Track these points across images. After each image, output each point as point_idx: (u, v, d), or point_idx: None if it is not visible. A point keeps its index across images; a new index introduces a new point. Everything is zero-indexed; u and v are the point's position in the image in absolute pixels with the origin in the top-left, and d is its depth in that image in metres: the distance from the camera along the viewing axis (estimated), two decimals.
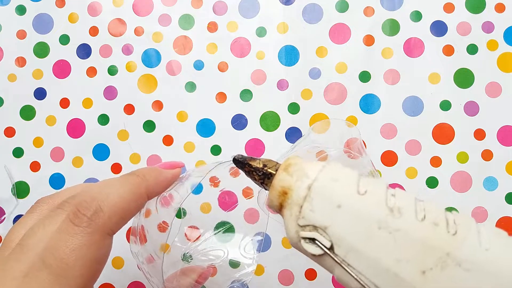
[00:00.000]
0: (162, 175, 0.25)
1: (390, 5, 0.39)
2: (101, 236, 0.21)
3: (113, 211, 0.21)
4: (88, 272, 0.20)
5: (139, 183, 0.23)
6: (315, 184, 0.20)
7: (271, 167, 0.23)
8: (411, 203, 0.20)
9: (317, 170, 0.21)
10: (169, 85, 0.40)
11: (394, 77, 0.38)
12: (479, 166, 0.37)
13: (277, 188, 0.21)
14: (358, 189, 0.20)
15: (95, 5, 0.41)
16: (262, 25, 0.39)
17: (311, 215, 0.20)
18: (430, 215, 0.19)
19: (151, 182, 0.24)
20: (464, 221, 0.19)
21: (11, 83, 0.41)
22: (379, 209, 0.19)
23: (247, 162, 0.24)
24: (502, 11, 0.38)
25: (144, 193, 0.23)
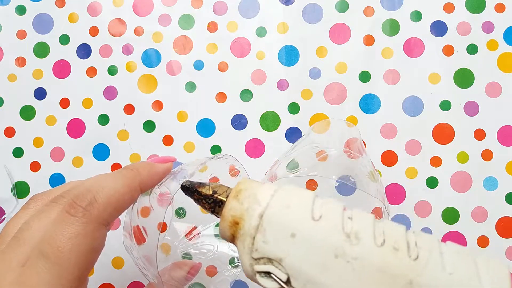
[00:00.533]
0: (154, 169, 0.26)
1: (390, 5, 0.39)
2: (96, 226, 0.21)
3: (107, 203, 0.22)
4: (83, 261, 0.21)
5: (132, 177, 0.24)
6: (267, 212, 0.19)
7: (222, 194, 0.21)
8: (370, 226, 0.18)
9: (269, 196, 0.19)
10: (169, 85, 0.40)
11: (394, 77, 0.38)
12: (479, 166, 0.37)
13: (228, 218, 0.20)
14: (313, 214, 0.19)
15: (95, 5, 0.41)
16: (262, 25, 0.39)
17: (264, 247, 0.18)
18: (390, 239, 0.18)
19: (144, 176, 0.25)
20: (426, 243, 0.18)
21: (11, 83, 0.41)
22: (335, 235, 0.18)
23: (196, 189, 0.22)
24: (502, 11, 0.38)
25: (138, 186, 0.24)
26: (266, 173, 0.35)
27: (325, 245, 0.18)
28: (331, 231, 0.18)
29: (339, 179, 0.32)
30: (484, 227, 0.37)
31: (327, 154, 0.32)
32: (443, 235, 0.37)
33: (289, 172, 0.31)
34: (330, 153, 0.32)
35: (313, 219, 0.18)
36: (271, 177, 0.32)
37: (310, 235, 0.18)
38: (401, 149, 0.38)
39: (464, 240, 0.37)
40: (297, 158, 0.32)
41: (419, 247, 0.18)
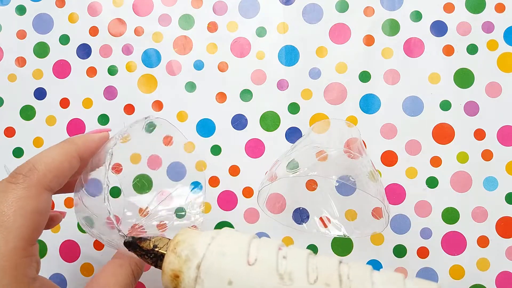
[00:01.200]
0: (89, 138, 0.28)
1: (390, 5, 0.39)
2: (38, 190, 0.23)
3: (47, 169, 0.24)
4: (28, 223, 0.22)
5: (68, 147, 0.26)
6: (203, 263, 0.19)
7: (162, 247, 0.22)
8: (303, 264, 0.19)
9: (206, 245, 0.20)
10: (169, 85, 0.40)
11: (394, 77, 0.38)
12: (479, 166, 0.37)
13: (168, 272, 0.20)
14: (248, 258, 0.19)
15: (95, 5, 0.41)
16: (262, 25, 0.39)
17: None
18: (322, 275, 0.18)
19: (80, 145, 0.27)
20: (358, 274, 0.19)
21: (11, 83, 0.41)
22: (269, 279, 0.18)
23: (138, 245, 0.23)
24: (502, 11, 0.38)
25: (75, 154, 0.26)
26: (266, 173, 0.35)
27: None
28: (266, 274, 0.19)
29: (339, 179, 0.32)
30: (484, 227, 0.37)
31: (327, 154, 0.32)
32: (443, 235, 0.37)
33: (289, 172, 0.31)
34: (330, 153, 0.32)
35: (248, 264, 0.19)
36: (271, 177, 0.32)
37: (246, 281, 0.19)
38: (401, 149, 0.38)
39: (464, 240, 0.37)
40: (297, 158, 0.32)
41: (351, 279, 0.18)
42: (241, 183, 0.39)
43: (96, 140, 0.28)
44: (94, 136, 0.29)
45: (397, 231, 0.37)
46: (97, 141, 0.28)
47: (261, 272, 0.19)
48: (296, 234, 0.38)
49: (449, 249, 0.37)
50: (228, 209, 0.38)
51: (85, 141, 0.28)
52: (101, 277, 0.26)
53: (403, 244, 0.37)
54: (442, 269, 0.37)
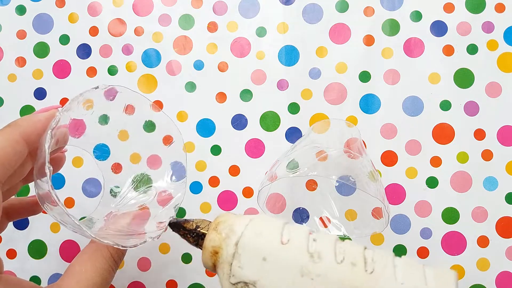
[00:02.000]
0: (35, 118, 0.25)
1: (390, 5, 0.39)
2: None
3: None
4: None
5: (11, 131, 0.24)
6: (241, 240, 0.21)
7: (204, 228, 0.24)
8: (331, 246, 0.21)
9: (244, 225, 0.22)
10: (169, 85, 0.40)
11: (394, 77, 0.38)
12: (479, 166, 0.37)
13: (209, 248, 0.22)
14: (281, 239, 0.21)
15: (95, 5, 0.41)
16: (262, 25, 0.39)
17: (240, 271, 0.20)
18: (349, 256, 0.20)
19: (24, 127, 0.24)
20: (381, 258, 0.20)
21: (11, 83, 0.41)
22: (300, 256, 0.20)
23: (182, 225, 0.25)
24: (502, 11, 0.38)
25: (19, 138, 0.24)
26: (266, 173, 0.35)
27: (292, 265, 0.20)
28: (297, 252, 0.20)
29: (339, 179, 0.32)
30: (484, 227, 0.37)
31: (327, 154, 0.32)
32: (443, 235, 0.37)
33: (289, 172, 0.31)
34: (330, 153, 0.32)
35: (281, 243, 0.21)
36: (271, 177, 0.32)
37: (279, 258, 0.20)
38: (401, 149, 0.38)
39: (464, 240, 0.37)
40: (297, 158, 0.32)
41: (375, 261, 0.20)
42: (241, 183, 0.39)
43: (43, 119, 0.25)
44: (40, 115, 0.25)
45: (397, 231, 0.37)
46: (44, 121, 0.25)
47: (293, 250, 0.20)
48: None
49: (449, 249, 0.37)
50: (228, 209, 0.38)
51: (30, 121, 0.25)
52: (77, 263, 0.25)
53: (403, 244, 0.37)
54: None
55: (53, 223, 0.39)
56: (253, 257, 0.20)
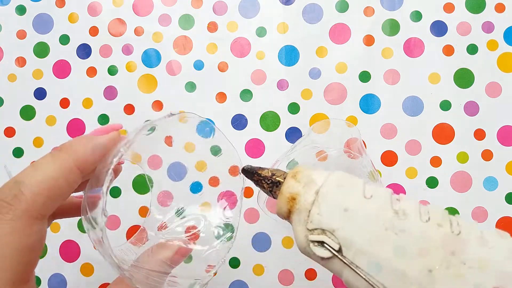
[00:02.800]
0: (93, 142, 0.22)
1: (390, 5, 0.39)
2: (27, 221, 0.19)
3: (37, 192, 0.19)
4: (18, 261, 0.18)
5: (65, 158, 0.21)
6: (322, 190, 0.21)
7: (279, 176, 0.24)
8: (416, 206, 0.21)
9: (324, 177, 0.22)
10: (169, 85, 0.40)
11: (394, 77, 0.38)
12: (479, 166, 0.37)
13: (286, 194, 0.22)
14: (364, 193, 0.21)
15: (95, 5, 0.41)
16: (262, 25, 0.39)
17: (319, 218, 0.20)
18: (434, 217, 0.20)
19: (80, 153, 0.21)
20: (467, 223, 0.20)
21: (11, 83, 0.41)
22: (385, 211, 0.20)
23: (256, 172, 0.25)
24: (502, 11, 0.38)
25: (74, 167, 0.21)
26: None
27: (376, 218, 0.20)
28: (382, 207, 0.20)
29: None
30: (484, 227, 0.37)
31: (327, 154, 0.32)
32: None
33: None
34: (330, 153, 0.32)
35: (364, 197, 0.20)
36: None
37: (362, 210, 0.20)
38: (401, 149, 0.38)
39: None
40: (297, 158, 0.32)
41: (460, 225, 0.20)
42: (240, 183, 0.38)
43: (103, 144, 0.22)
44: (99, 139, 0.22)
45: None
46: (104, 145, 0.22)
47: (377, 205, 0.20)
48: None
49: None
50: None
51: (86, 147, 0.21)
52: None
53: None
54: None
55: (53, 223, 0.39)
56: (334, 207, 0.20)
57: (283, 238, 0.38)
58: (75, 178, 0.21)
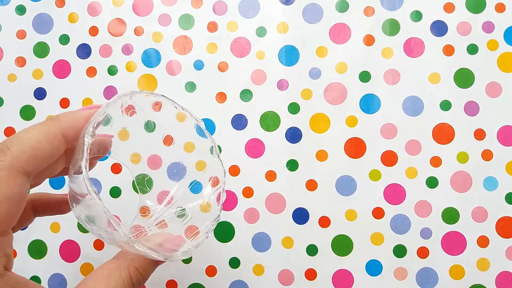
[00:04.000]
0: (76, 115, 0.24)
1: (390, 5, 0.39)
2: (9, 174, 0.20)
3: (22, 150, 0.21)
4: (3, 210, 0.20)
5: (51, 124, 0.23)
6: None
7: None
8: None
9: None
10: (169, 85, 0.40)
11: (394, 77, 0.38)
12: (479, 166, 0.37)
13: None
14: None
15: (95, 5, 0.41)
16: (262, 25, 0.39)
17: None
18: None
19: (65, 122, 0.23)
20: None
21: (11, 83, 0.41)
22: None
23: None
24: (502, 11, 0.38)
25: (58, 133, 0.23)
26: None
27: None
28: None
29: None
30: (484, 227, 0.37)
31: None
32: (443, 235, 0.37)
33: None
34: None
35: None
36: None
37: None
38: (401, 149, 0.38)
39: (464, 240, 0.37)
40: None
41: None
42: (241, 183, 0.39)
43: (85, 116, 0.24)
44: (83, 112, 0.24)
45: (397, 231, 0.37)
46: (86, 118, 0.24)
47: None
48: (296, 234, 0.38)
49: (449, 249, 0.37)
50: (228, 209, 0.38)
51: (72, 117, 0.24)
52: (91, 279, 0.23)
53: (403, 244, 0.37)
54: (442, 269, 0.37)
55: (53, 223, 0.39)
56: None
57: (283, 238, 0.38)
58: (59, 144, 0.23)
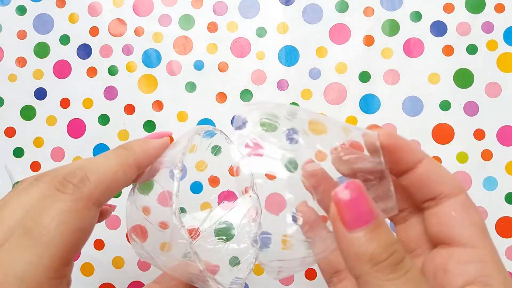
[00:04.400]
0: (149, 144, 0.24)
1: (390, 5, 0.39)
2: (86, 205, 0.20)
3: (100, 180, 0.21)
4: (69, 241, 0.19)
5: (126, 154, 0.23)
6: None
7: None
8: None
9: None
10: (169, 85, 0.40)
11: (394, 77, 0.38)
12: (479, 166, 0.37)
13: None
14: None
15: (95, 5, 0.41)
16: (262, 25, 0.39)
17: None
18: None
19: (138, 152, 0.23)
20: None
21: (11, 83, 0.41)
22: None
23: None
24: (502, 11, 0.38)
25: (132, 163, 0.23)
26: None
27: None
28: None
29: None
30: None
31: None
32: None
33: None
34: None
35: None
36: None
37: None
38: None
39: None
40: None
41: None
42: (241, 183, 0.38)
43: (157, 147, 0.24)
44: (155, 142, 0.24)
45: None
46: (158, 148, 0.24)
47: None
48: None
49: None
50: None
51: (145, 148, 0.24)
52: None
53: None
54: None
55: None
56: None
57: (282, 238, 0.38)
58: (132, 174, 0.23)
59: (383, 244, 0.18)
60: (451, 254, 0.21)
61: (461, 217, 0.21)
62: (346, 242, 0.18)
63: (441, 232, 0.22)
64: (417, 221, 0.24)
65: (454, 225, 0.21)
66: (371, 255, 0.17)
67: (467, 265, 0.21)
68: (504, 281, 0.20)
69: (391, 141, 0.21)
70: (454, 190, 0.22)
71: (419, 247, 0.23)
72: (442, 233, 0.22)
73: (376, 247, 0.18)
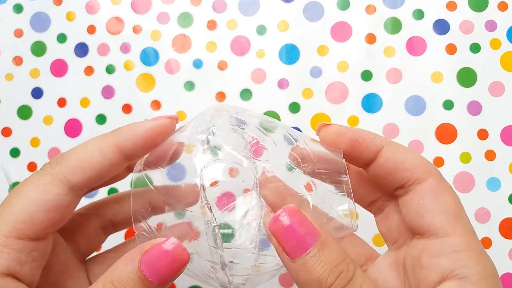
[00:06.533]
0: (138, 125, 0.22)
1: (392, 3, 0.38)
2: (51, 181, 0.20)
3: (72, 159, 0.21)
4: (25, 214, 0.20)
5: (106, 136, 0.22)
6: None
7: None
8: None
9: None
10: (167, 84, 0.39)
11: (396, 76, 0.38)
12: (482, 166, 0.37)
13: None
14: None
15: (92, 3, 0.40)
16: (262, 23, 0.39)
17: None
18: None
19: (123, 134, 0.22)
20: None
21: (8, 82, 0.40)
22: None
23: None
24: (505, 9, 0.38)
25: (113, 144, 0.22)
26: None
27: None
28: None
29: None
30: (487, 228, 0.36)
31: None
32: None
33: None
34: None
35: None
36: None
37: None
38: None
39: None
40: None
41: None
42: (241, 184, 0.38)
43: (148, 127, 0.22)
44: (145, 123, 0.22)
45: None
46: (149, 129, 0.22)
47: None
48: None
49: None
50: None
51: (132, 128, 0.22)
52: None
53: None
54: None
55: None
56: None
57: None
58: (113, 156, 0.22)
59: (329, 266, 0.17)
60: (425, 246, 0.20)
61: (429, 205, 0.21)
62: (293, 271, 0.18)
63: (413, 222, 0.21)
64: (394, 210, 0.23)
65: (423, 214, 0.21)
66: (318, 281, 0.17)
67: (440, 258, 0.20)
68: (482, 270, 0.19)
69: (342, 138, 0.21)
70: (422, 175, 0.21)
71: (400, 236, 0.23)
72: (413, 223, 0.21)
73: (322, 271, 0.17)
